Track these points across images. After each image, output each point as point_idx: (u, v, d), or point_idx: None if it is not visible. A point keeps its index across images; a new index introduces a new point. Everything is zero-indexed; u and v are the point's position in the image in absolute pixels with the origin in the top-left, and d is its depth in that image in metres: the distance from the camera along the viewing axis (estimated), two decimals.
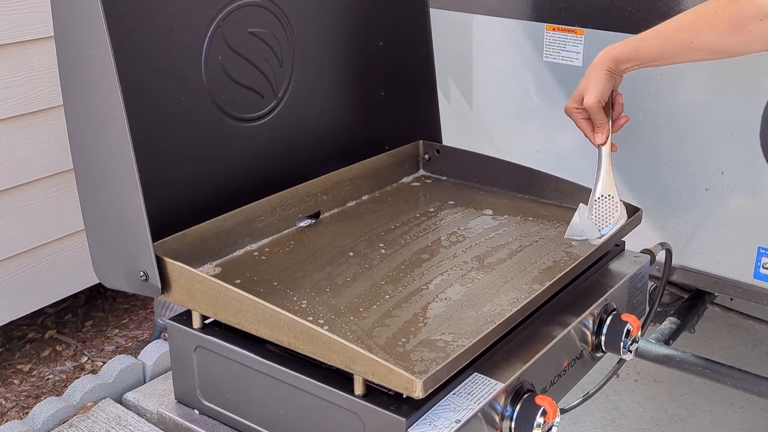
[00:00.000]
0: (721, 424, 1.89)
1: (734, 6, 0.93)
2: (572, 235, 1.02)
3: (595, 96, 0.98)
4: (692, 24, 0.96)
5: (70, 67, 0.84)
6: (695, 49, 0.95)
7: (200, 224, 0.96)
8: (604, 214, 1.01)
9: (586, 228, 1.01)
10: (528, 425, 0.80)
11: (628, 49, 0.98)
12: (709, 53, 0.97)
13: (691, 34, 0.95)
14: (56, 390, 1.88)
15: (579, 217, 1.02)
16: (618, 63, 0.98)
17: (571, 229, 1.02)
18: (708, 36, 0.94)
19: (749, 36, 0.92)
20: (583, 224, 1.01)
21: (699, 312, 1.65)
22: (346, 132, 1.22)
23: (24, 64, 1.76)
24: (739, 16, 0.92)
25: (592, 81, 0.99)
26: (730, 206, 1.36)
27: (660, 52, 0.97)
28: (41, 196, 1.86)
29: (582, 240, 1.01)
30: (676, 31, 0.97)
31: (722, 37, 0.94)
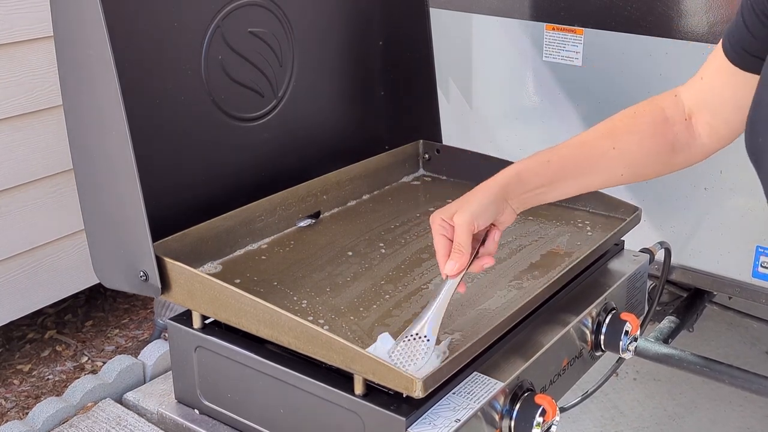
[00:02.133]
0: (720, 422, 1.89)
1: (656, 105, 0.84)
2: None
3: (469, 216, 0.77)
4: (610, 130, 0.83)
5: (70, 67, 0.84)
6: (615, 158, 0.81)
7: (200, 224, 0.96)
8: (410, 355, 0.76)
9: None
10: (527, 424, 0.80)
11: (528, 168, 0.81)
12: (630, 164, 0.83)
13: (612, 140, 0.82)
14: (56, 390, 1.88)
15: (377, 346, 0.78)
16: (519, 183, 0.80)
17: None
18: (631, 140, 0.82)
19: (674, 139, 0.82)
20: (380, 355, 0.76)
21: (698, 311, 1.65)
22: (346, 132, 1.22)
23: (24, 64, 1.76)
24: (663, 116, 0.83)
25: (475, 201, 0.78)
26: (729, 206, 1.36)
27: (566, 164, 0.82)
28: (41, 196, 1.86)
29: None
30: (592, 138, 0.83)
31: (645, 141, 0.82)
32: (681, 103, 0.85)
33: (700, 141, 0.85)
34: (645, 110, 0.85)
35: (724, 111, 0.82)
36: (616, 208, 1.10)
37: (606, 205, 1.12)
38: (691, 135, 0.85)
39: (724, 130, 0.83)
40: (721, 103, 0.81)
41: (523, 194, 0.82)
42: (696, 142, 0.85)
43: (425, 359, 0.76)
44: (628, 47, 1.41)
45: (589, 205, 1.13)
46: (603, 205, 1.12)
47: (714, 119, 0.83)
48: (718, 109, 0.82)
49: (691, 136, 0.85)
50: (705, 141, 0.85)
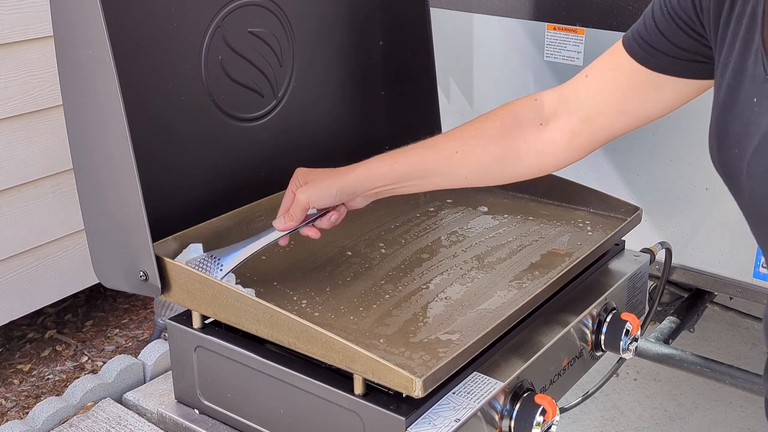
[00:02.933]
0: (721, 422, 1.89)
1: (510, 109, 0.83)
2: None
3: (307, 198, 0.85)
4: (458, 134, 0.84)
5: (69, 67, 0.84)
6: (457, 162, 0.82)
7: (200, 224, 0.96)
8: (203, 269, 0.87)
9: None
10: (527, 424, 0.80)
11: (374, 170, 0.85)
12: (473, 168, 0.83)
13: (457, 143, 0.83)
14: (56, 390, 1.88)
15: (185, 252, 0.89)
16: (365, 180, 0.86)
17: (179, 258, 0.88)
18: (474, 144, 0.82)
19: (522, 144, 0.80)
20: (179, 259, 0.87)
21: (698, 311, 1.65)
22: (346, 131, 1.22)
23: (23, 64, 1.76)
24: (514, 119, 0.82)
25: (318, 185, 0.86)
26: (730, 206, 1.36)
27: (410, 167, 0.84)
28: (41, 196, 1.86)
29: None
30: (439, 142, 0.85)
31: (490, 145, 0.81)
32: (540, 107, 0.82)
33: (551, 149, 0.82)
34: (497, 115, 0.84)
35: (600, 115, 0.79)
36: (617, 208, 1.10)
37: (606, 205, 1.11)
38: (542, 142, 0.82)
39: (584, 140, 0.81)
40: (603, 105, 0.78)
41: (370, 191, 0.88)
42: (547, 149, 0.82)
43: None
44: None
45: (589, 205, 1.13)
46: (603, 205, 1.12)
47: (581, 124, 0.80)
48: (593, 113, 0.79)
49: (541, 143, 0.82)
50: (557, 149, 0.82)
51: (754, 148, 0.64)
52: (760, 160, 0.64)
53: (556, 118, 0.82)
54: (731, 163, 0.68)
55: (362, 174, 0.87)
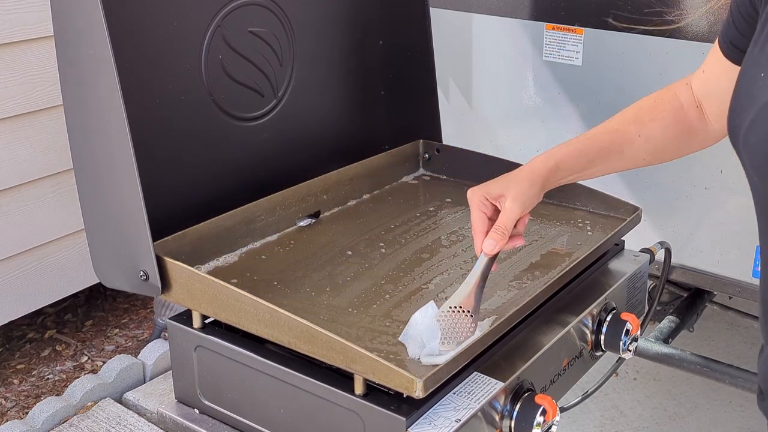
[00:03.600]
0: (720, 422, 1.89)
1: (673, 93, 0.89)
2: (407, 337, 0.79)
3: (521, 205, 0.82)
4: (635, 117, 0.88)
5: (70, 66, 0.84)
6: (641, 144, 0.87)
7: (200, 224, 0.96)
8: (452, 329, 0.78)
9: (427, 333, 0.77)
10: (528, 424, 0.80)
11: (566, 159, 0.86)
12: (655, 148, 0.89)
13: (637, 126, 0.87)
14: (56, 390, 1.88)
15: (422, 316, 0.79)
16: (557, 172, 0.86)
17: (409, 328, 0.79)
18: (654, 127, 0.87)
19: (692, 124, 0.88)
20: (425, 326, 0.77)
21: (698, 311, 1.65)
22: (346, 131, 1.22)
23: (23, 64, 1.76)
24: (680, 102, 0.89)
25: (521, 190, 0.82)
26: (729, 205, 1.36)
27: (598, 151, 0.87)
28: (41, 195, 1.86)
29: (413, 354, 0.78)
30: (619, 126, 0.88)
31: (669, 127, 0.88)
32: (691, 91, 0.90)
33: (711, 126, 0.90)
34: (665, 98, 0.90)
35: (725, 100, 0.84)
36: (617, 208, 1.10)
37: (606, 204, 1.11)
38: (703, 121, 0.90)
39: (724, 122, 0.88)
40: (722, 93, 0.84)
41: (558, 181, 0.88)
42: (708, 127, 0.90)
43: (467, 335, 0.78)
44: (628, 47, 1.41)
45: (589, 205, 1.13)
46: (603, 204, 1.12)
47: (719, 108, 0.87)
48: (720, 99, 0.85)
49: (703, 122, 0.90)
50: (716, 127, 0.89)
51: (750, 120, 0.68)
52: (753, 132, 0.68)
53: (703, 102, 0.89)
54: (735, 133, 0.72)
55: (555, 163, 0.86)
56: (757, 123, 0.67)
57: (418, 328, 0.79)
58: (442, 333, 0.77)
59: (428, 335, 0.78)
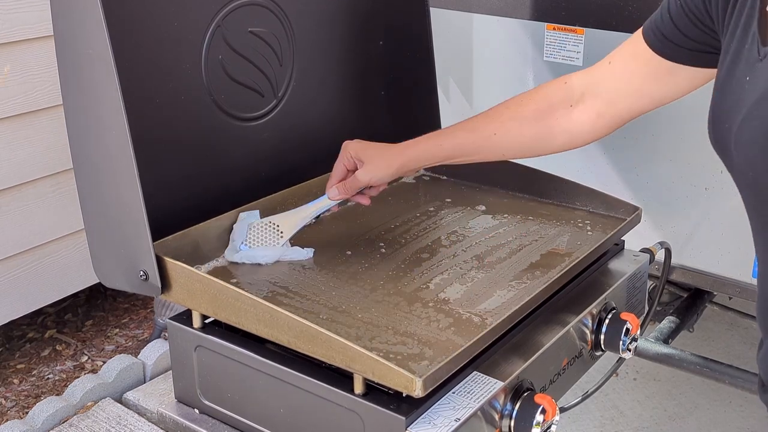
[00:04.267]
0: (720, 422, 1.89)
1: (542, 92, 0.92)
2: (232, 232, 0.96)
3: (369, 179, 0.94)
4: (496, 116, 0.93)
5: (69, 66, 0.84)
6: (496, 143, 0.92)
7: (200, 224, 0.96)
8: (261, 238, 0.95)
9: (237, 234, 0.95)
10: (527, 424, 0.80)
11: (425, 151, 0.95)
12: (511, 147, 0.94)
13: (495, 125, 0.92)
14: (56, 389, 1.88)
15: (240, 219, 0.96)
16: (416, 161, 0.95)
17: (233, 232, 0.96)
18: (511, 126, 0.92)
19: (554, 125, 0.90)
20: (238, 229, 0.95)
21: (698, 311, 1.65)
22: (346, 131, 1.22)
23: (23, 64, 1.76)
24: (547, 102, 0.91)
25: (377, 167, 0.94)
26: (730, 206, 1.36)
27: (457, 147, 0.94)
28: (41, 195, 1.86)
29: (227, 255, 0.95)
30: (479, 124, 0.94)
31: (525, 126, 0.91)
32: (570, 90, 0.91)
33: (578, 128, 0.91)
34: (530, 98, 0.93)
35: (621, 99, 0.88)
36: (617, 208, 1.10)
37: (606, 204, 1.12)
38: (572, 122, 0.91)
39: (608, 121, 0.89)
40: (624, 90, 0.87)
41: (416, 168, 0.99)
42: (576, 129, 0.91)
43: (270, 247, 0.93)
44: None
45: (589, 204, 1.13)
46: (603, 204, 1.12)
47: (605, 107, 0.88)
48: (616, 97, 0.88)
49: (571, 123, 0.91)
50: (585, 129, 0.91)
51: (740, 120, 0.70)
52: (745, 130, 0.69)
53: (583, 101, 0.90)
54: (723, 137, 0.73)
55: (415, 154, 0.95)
56: (748, 120, 0.69)
57: (235, 227, 0.95)
58: (248, 238, 0.94)
59: (237, 236, 0.95)
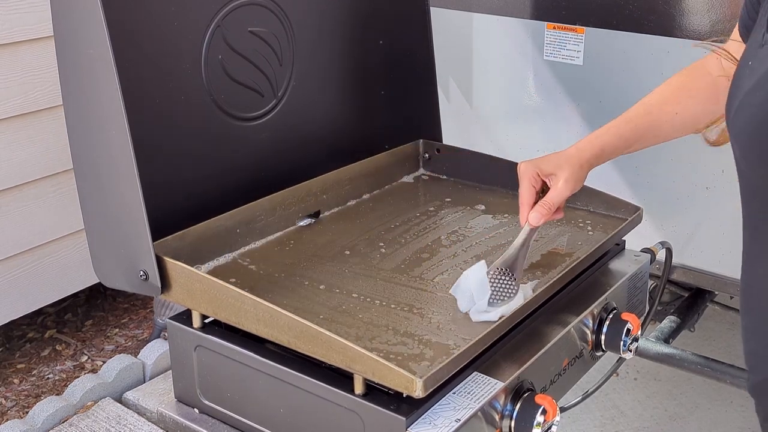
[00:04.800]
0: (721, 422, 1.89)
1: (703, 68, 0.93)
2: (458, 290, 0.86)
3: (572, 187, 0.91)
4: (671, 96, 0.93)
5: (69, 66, 0.84)
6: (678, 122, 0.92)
7: (200, 224, 0.96)
8: (498, 289, 0.85)
9: (478, 289, 0.84)
10: (528, 424, 0.80)
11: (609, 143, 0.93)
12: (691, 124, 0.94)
13: (674, 105, 0.93)
14: (56, 389, 1.88)
15: (474, 272, 0.85)
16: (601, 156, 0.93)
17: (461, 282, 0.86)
18: (690, 104, 0.92)
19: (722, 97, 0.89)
20: (476, 283, 0.84)
21: (699, 310, 1.65)
22: (346, 131, 1.22)
23: (24, 64, 1.76)
24: (712, 76, 0.91)
25: (573, 172, 0.90)
26: (731, 205, 1.36)
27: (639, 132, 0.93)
28: (41, 195, 1.86)
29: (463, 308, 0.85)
30: (655, 106, 0.93)
31: (703, 103, 0.92)
32: (721, 63, 0.91)
33: None
34: (697, 74, 0.94)
35: None
36: (617, 208, 1.10)
37: (607, 204, 1.11)
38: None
39: None
40: None
41: (601, 162, 0.94)
42: None
43: (511, 296, 0.85)
44: (630, 46, 1.40)
45: (590, 204, 1.13)
46: (604, 204, 1.12)
47: None
48: None
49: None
50: None
51: (736, 107, 0.71)
52: (739, 117, 0.70)
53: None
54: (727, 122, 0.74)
55: (598, 151, 0.93)
56: (742, 108, 0.70)
57: (469, 284, 0.85)
58: (491, 294, 0.84)
59: (479, 292, 0.84)
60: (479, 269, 0.86)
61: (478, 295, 0.84)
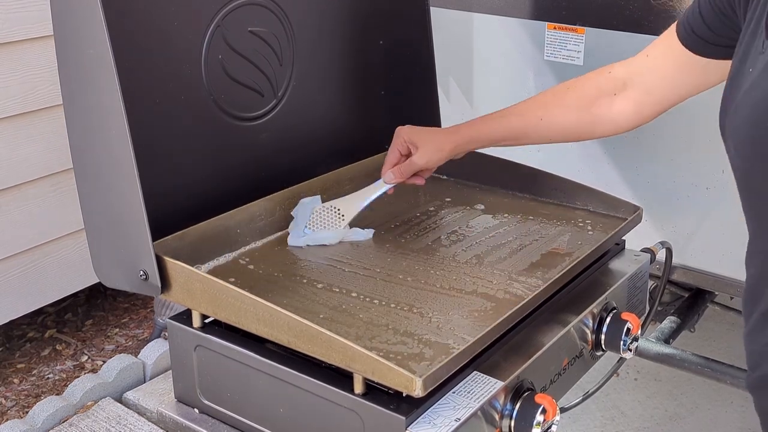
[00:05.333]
0: (721, 422, 1.89)
1: (588, 81, 0.97)
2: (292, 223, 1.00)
3: (425, 163, 1.00)
4: (543, 102, 0.99)
5: (69, 66, 0.84)
6: (543, 128, 0.97)
7: (200, 223, 0.96)
8: (322, 221, 1.00)
9: (300, 218, 0.99)
10: (528, 424, 0.80)
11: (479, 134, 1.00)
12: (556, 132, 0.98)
13: (542, 111, 0.98)
14: (56, 389, 1.88)
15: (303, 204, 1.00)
16: (469, 143, 1.00)
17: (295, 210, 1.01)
18: (557, 113, 0.97)
19: (598, 112, 0.95)
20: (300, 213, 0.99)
21: (699, 311, 1.65)
22: (346, 131, 1.22)
23: (24, 64, 1.76)
24: (593, 90, 0.95)
25: (431, 150, 0.99)
26: (731, 205, 1.36)
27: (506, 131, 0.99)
28: (41, 195, 1.86)
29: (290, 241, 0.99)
30: (527, 109, 0.99)
31: (570, 113, 0.96)
32: (613, 79, 0.95)
33: (621, 116, 0.96)
34: (576, 85, 0.98)
35: (658, 89, 0.92)
36: (617, 208, 1.10)
37: (607, 204, 1.11)
38: (613, 110, 0.96)
39: (648, 109, 0.95)
40: (659, 81, 0.92)
41: (466, 151, 1.03)
42: (616, 117, 0.96)
43: (331, 230, 0.97)
44: (630, 46, 1.40)
45: (589, 204, 1.13)
46: (604, 204, 1.12)
47: (644, 96, 0.93)
48: (653, 87, 0.92)
49: (613, 112, 0.96)
50: (627, 117, 0.96)
51: (734, 107, 0.73)
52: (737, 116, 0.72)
53: (625, 90, 0.95)
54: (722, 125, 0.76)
55: (467, 137, 1.00)
56: (740, 107, 0.72)
57: (297, 210, 0.99)
58: (311, 221, 0.98)
59: (300, 220, 0.98)
60: (310, 200, 0.99)
61: (299, 221, 0.98)
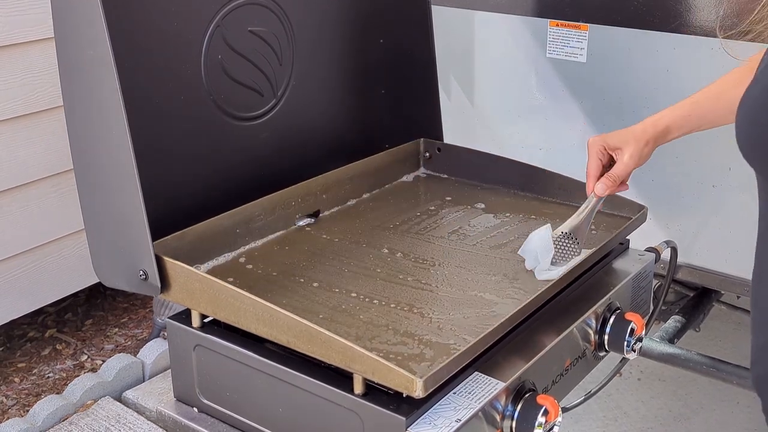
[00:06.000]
0: (727, 423, 1.88)
1: None
2: (524, 251, 0.95)
3: (636, 161, 0.95)
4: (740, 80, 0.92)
5: (70, 67, 0.83)
6: None
7: (200, 223, 0.96)
8: (561, 250, 0.94)
9: (542, 250, 0.93)
10: (529, 425, 0.79)
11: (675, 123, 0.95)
12: None
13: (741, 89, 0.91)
14: (56, 388, 1.88)
15: (539, 235, 0.94)
16: (667, 134, 0.96)
17: (527, 244, 0.95)
18: None
19: None
20: (541, 244, 0.93)
21: (705, 310, 1.64)
22: (346, 130, 1.21)
23: (24, 65, 1.76)
24: None
25: (638, 148, 0.94)
26: (737, 203, 1.35)
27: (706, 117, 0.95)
28: (42, 195, 1.86)
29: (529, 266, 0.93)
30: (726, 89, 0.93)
31: None
32: None
33: None
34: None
35: None
36: (621, 207, 1.09)
37: (611, 203, 1.10)
38: None
39: None
40: None
41: (666, 141, 0.98)
42: None
43: (573, 257, 0.93)
44: (634, 43, 1.39)
45: None
46: (608, 203, 1.11)
47: None
48: None
49: None
50: None
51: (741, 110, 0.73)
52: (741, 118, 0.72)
53: None
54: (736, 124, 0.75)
55: (664, 128, 0.96)
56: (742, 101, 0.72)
57: (534, 245, 0.94)
58: (554, 252, 0.93)
59: (543, 252, 0.93)
60: (545, 231, 0.94)
61: (542, 255, 0.93)
